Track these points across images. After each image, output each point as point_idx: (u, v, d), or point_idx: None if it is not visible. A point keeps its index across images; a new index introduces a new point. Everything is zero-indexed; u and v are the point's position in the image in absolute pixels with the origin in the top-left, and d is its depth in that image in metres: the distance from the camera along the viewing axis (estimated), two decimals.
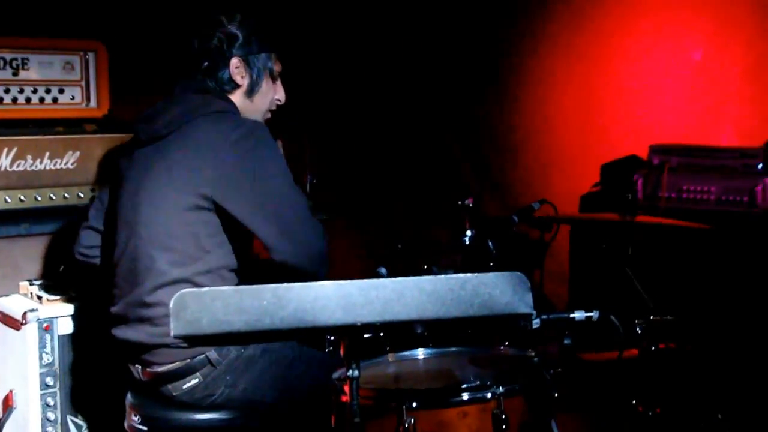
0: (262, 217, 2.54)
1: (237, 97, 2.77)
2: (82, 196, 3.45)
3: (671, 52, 4.49)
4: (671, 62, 4.49)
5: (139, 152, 2.70)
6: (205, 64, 2.71)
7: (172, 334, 1.78)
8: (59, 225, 3.46)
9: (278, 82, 2.85)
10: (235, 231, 2.60)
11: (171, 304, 1.78)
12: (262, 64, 2.78)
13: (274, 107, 2.88)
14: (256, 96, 2.79)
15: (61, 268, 3.36)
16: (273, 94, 2.84)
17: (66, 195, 3.44)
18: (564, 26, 4.78)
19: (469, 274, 1.82)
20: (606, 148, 4.46)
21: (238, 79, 2.74)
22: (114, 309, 2.72)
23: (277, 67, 2.83)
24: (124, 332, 2.68)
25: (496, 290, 1.82)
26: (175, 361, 2.61)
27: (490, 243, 3.12)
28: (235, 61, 2.73)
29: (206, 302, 1.79)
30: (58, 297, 3.13)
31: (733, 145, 4.13)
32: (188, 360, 2.60)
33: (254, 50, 2.76)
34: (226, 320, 1.78)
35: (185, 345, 2.57)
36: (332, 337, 2.94)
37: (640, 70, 4.60)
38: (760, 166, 3.80)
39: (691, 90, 4.44)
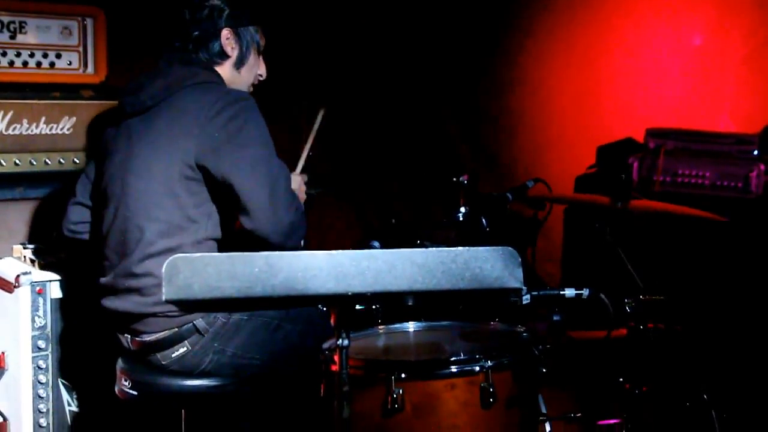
0: (249, 179, 2.52)
1: (225, 69, 2.77)
2: (77, 161, 3.45)
3: (671, 37, 4.49)
4: (670, 46, 4.49)
5: (125, 124, 2.70)
6: (195, 33, 2.72)
7: (163, 298, 1.79)
8: (54, 190, 3.46)
9: (261, 57, 2.88)
10: (222, 202, 2.61)
11: (163, 269, 1.79)
12: (250, 36, 2.81)
13: (256, 82, 2.89)
14: (244, 68, 2.81)
15: (55, 233, 3.37)
16: (257, 68, 2.87)
17: (61, 160, 3.44)
18: (563, 7, 4.77)
19: (460, 248, 1.83)
20: (602, 130, 4.47)
21: (228, 50, 2.76)
22: (103, 280, 2.73)
23: (262, 41, 2.86)
24: (113, 302, 2.70)
25: (486, 264, 1.83)
26: (163, 330, 2.63)
27: (483, 220, 3.14)
28: (225, 32, 2.74)
29: (198, 268, 1.80)
30: (51, 261, 3.13)
31: (730, 131, 4.14)
32: (176, 329, 2.62)
33: (244, 22, 2.78)
34: (217, 286, 1.79)
35: (173, 314, 2.59)
36: (324, 308, 2.96)
37: (638, 54, 4.60)
38: (755, 152, 3.81)
39: (690, 75, 4.44)
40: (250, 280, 1.79)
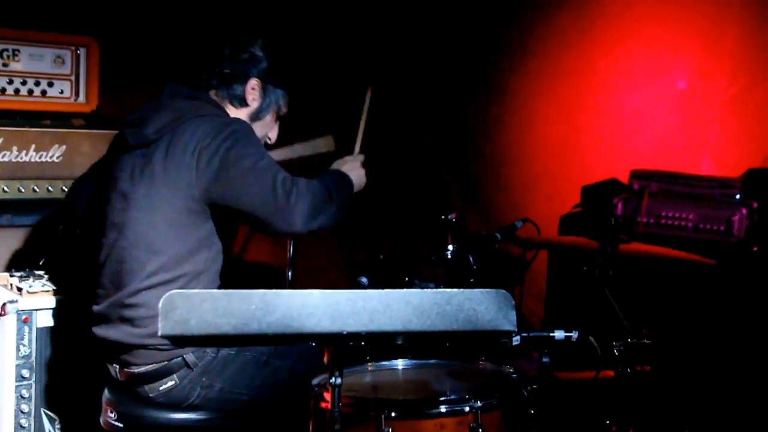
0: (248, 196, 2.54)
1: (241, 114, 2.80)
2: (65, 190, 3.44)
3: (655, 79, 4.55)
4: (655, 89, 4.55)
5: (129, 156, 2.70)
6: (226, 71, 2.75)
7: (159, 333, 1.79)
8: (41, 218, 3.46)
9: (277, 123, 2.91)
10: (223, 232, 2.62)
11: (160, 304, 1.79)
12: (276, 98, 2.85)
13: (262, 143, 2.89)
14: (258, 123, 2.83)
15: (42, 261, 3.36)
16: (268, 130, 2.90)
17: (50, 188, 3.44)
18: (549, 49, 4.83)
19: (454, 290, 1.85)
20: (587, 170, 4.51)
21: (249, 99, 2.80)
22: (96, 308, 2.73)
23: (285, 109, 2.90)
24: (104, 331, 2.69)
25: (481, 306, 1.85)
26: (152, 363, 2.63)
27: (471, 258, 3.16)
28: (253, 81, 2.79)
29: (195, 304, 1.80)
30: (38, 289, 3.12)
31: (712, 174, 4.19)
32: (165, 362, 2.62)
33: (276, 82, 2.83)
34: (213, 323, 1.79)
35: (164, 347, 2.60)
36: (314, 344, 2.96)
37: (623, 95, 4.65)
38: (737, 196, 3.86)
39: (673, 117, 4.50)
40: (246, 317, 1.79)
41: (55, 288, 3.14)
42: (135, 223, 2.62)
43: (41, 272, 3.28)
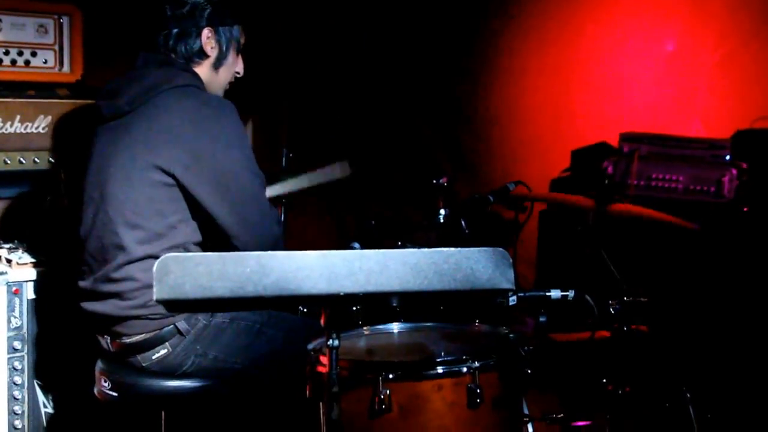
0: (220, 200, 2.54)
1: (203, 69, 2.75)
2: (52, 161, 3.41)
3: (643, 42, 4.53)
4: (643, 52, 4.53)
5: (103, 128, 2.68)
6: (175, 31, 2.68)
7: (154, 298, 1.77)
8: (28, 189, 3.42)
9: (239, 55, 2.85)
10: (199, 207, 2.59)
11: (154, 268, 1.77)
12: (230, 35, 2.77)
13: (233, 79, 2.86)
14: (222, 68, 2.78)
15: (29, 235, 3.33)
16: (235, 66, 2.83)
17: (36, 159, 3.40)
18: (537, 12, 4.79)
19: (451, 249, 1.84)
20: (576, 134, 4.50)
21: (208, 49, 2.73)
22: (82, 283, 2.71)
23: (242, 39, 2.83)
24: (93, 306, 2.67)
25: (478, 265, 1.84)
26: (144, 332, 2.61)
27: (462, 222, 3.14)
28: (206, 32, 2.71)
29: (189, 267, 1.78)
30: (27, 261, 3.10)
31: (701, 136, 4.19)
32: (157, 330, 2.61)
33: (226, 21, 2.75)
34: (209, 286, 1.78)
35: (155, 316, 2.58)
36: (305, 309, 2.95)
37: (612, 59, 4.63)
38: (727, 157, 3.86)
39: (662, 80, 4.48)
40: (242, 280, 1.78)
41: (43, 259, 3.11)
42: (112, 199, 2.59)
43: (30, 244, 3.24)
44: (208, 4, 2.71)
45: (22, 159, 3.37)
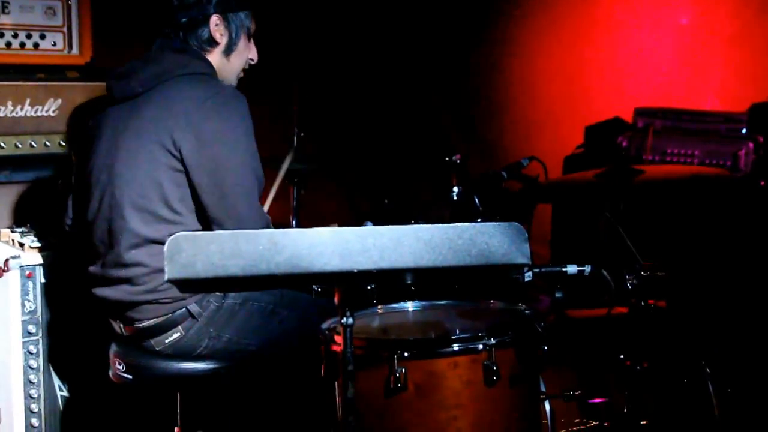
0: (212, 190, 2.51)
1: (215, 56, 2.72)
2: (63, 144, 3.39)
3: (658, 16, 4.49)
4: (657, 26, 4.49)
5: (113, 110, 2.66)
6: (184, 20, 2.66)
7: (165, 277, 1.76)
8: (40, 173, 3.41)
9: (252, 41, 2.82)
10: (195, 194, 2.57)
11: (165, 247, 1.76)
12: (240, 22, 2.74)
13: (247, 66, 2.84)
14: (234, 55, 2.75)
15: (41, 218, 3.32)
16: (248, 53, 2.80)
17: (47, 143, 3.38)
18: None
19: (466, 224, 1.82)
20: (590, 110, 4.47)
21: (217, 36, 2.70)
22: (92, 268, 2.70)
23: (252, 26, 2.80)
24: (103, 291, 2.67)
25: (493, 240, 1.82)
26: (156, 317, 2.60)
27: (476, 198, 3.12)
28: (214, 19, 2.68)
29: (201, 246, 1.77)
30: (40, 245, 3.09)
31: (717, 109, 4.15)
32: (169, 314, 2.60)
33: (233, 7, 2.72)
34: (221, 264, 1.76)
35: (166, 300, 2.57)
36: (319, 288, 2.93)
37: (626, 34, 4.60)
38: (743, 130, 3.82)
39: (677, 54, 4.45)
40: (254, 258, 1.76)
41: (55, 243, 3.10)
42: (120, 180, 2.58)
43: (42, 228, 3.24)
44: None
45: (33, 143, 3.36)
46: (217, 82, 2.66)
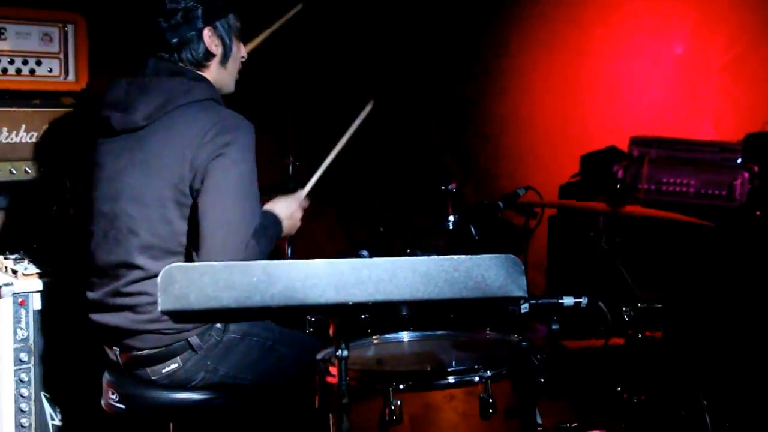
0: (206, 216, 2.47)
1: (212, 69, 2.68)
2: (57, 170, 3.38)
3: (653, 45, 4.51)
4: (653, 55, 4.51)
5: (113, 141, 2.60)
6: (175, 41, 2.60)
7: (159, 309, 1.74)
8: (34, 199, 3.39)
9: (240, 41, 2.76)
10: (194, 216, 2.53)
11: (159, 279, 1.74)
12: (229, 26, 2.69)
13: (240, 66, 2.79)
14: (230, 61, 2.71)
15: (35, 244, 3.31)
16: (239, 53, 2.76)
17: (42, 168, 3.37)
18: (546, 17, 4.78)
19: (462, 256, 1.80)
20: (585, 138, 4.48)
21: (213, 48, 2.65)
22: (91, 295, 2.67)
23: (239, 24, 2.73)
24: (103, 317, 2.64)
25: (489, 272, 1.80)
26: (156, 346, 2.58)
27: (472, 228, 3.10)
28: (207, 32, 2.62)
29: (195, 277, 1.75)
30: (33, 272, 3.07)
31: (713, 139, 4.16)
32: (169, 345, 2.57)
33: (221, 13, 2.65)
34: (214, 296, 1.74)
35: (168, 331, 2.55)
36: (313, 318, 2.91)
37: (621, 62, 4.62)
38: (738, 160, 3.83)
39: (672, 83, 4.47)
40: (248, 289, 1.74)
41: (50, 270, 3.08)
42: (125, 216, 2.55)
43: (36, 254, 3.22)
44: (198, 3, 2.60)
45: (27, 168, 3.34)
46: (221, 109, 2.59)
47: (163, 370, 2.58)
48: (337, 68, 4.76)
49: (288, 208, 2.75)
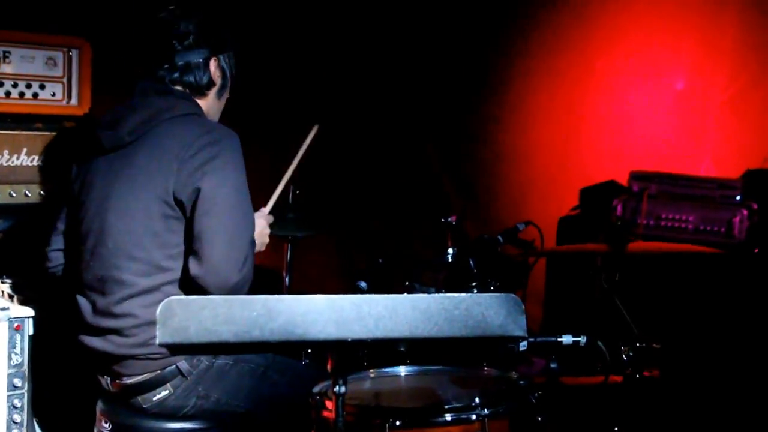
0: (205, 231, 2.46)
1: (209, 97, 2.72)
2: (53, 195, 3.37)
3: (654, 80, 4.52)
4: (653, 90, 4.52)
5: (103, 160, 2.63)
6: (181, 64, 2.63)
7: (157, 342, 1.73)
8: (34, 222, 3.38)
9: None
10: (189, 243, 2.53)
11: (158, 311, 1.73)
12: (229, 62, 2.75)
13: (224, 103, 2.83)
14: (224, 95, 2.76)
15: (32, 270, 3.29)
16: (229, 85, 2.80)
17: (42, 192, 3.37)
18: (547, 50, 4.80)
19: (463, 294, 1.80)
20: (585, 172, 4.48)
21: (216, 78, 2.70)
22: (81, 317, 2.66)
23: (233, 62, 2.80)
24: (91, 341, 2.63)
25: (490, 311, 1.80)
26: (144, 373, 2.57)
27: (471, 261, 3.11)
28: (213, 62, 2.68)
29: (194, 310, 1.74)
30: (30, 296, 3.05)
31: (711, 175, 4.16)
32: (158, 371, 2.56)
33: (226, 48, 2.72)
34: (214, 330, 1.74)
35: (155, 356, 2.54)
36: (309, 350, 2.90)
37: (621, 97, 4.62)
38: (738, 197, 3.83)
39: (672, 119, 4.47)
40: (248, 324, 1.74)
41: (46, 295, 3.07)
42: (112, 230, 2.55)
43: (33, 279, 3.21)
44: (210, 34, 2.67)
45: (27, 192, 3.34)
46: (206, 121, 2.63)
47: (154, 398, 2.57)
48: (340, 95, 4.77)
49: (258, 226, 2.74)
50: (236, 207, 2.49)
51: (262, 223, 2.80)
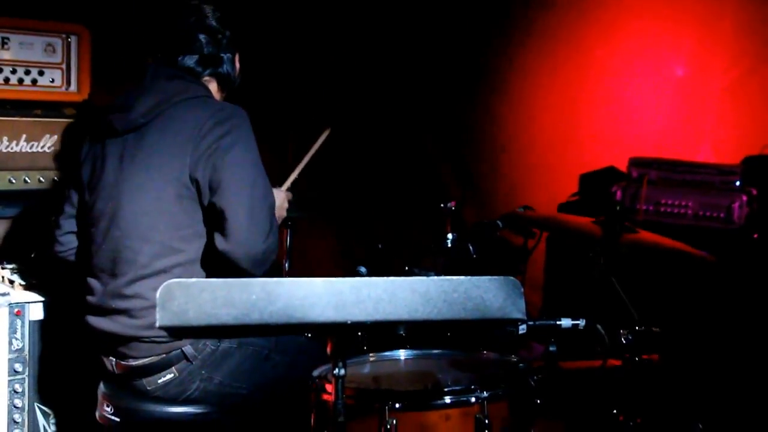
0: (237, 202, 2.49)
1: (219, 90, 2.78)
2: (57, 180, 3.39)
3: (653, 67, 4.51)
4: (653, 77, 4.52)
5: (115, 142, 2.65)
6: (203, 54, 2.70)
7: (157, 324, 1.74)
8: (33, 209, 3.39)
9: None
10: (212, 221, 2.56)
11: (158, 294, 1.73)
12: (239, 60, 2.82)
13: None
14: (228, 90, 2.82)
15: (33, 254, 3.30)
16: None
17: (41, 179, 3.39)
18: (546, 38, 4.79)
19: (462, 277, 1.80)
20: (584, 159, 4.48)
21: (235, 74, 2.80)
22: (91, 299, 2.67)
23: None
24: (99, 322, 2.64)
25: (489, 294, 1.80)
26: (150, 356, 2.58)
27: (470, 247, 3.11)
28: (237, 57, 2.79)
29: (194, 293, 1.75)
30: (30, 282, 3.06)
31: (710, 161, 4.16)
32: (163, 354, 2.57)
33: (238, 46, 2.79)
34: (213, 313, 1.74)
35: (161, 339, 2.55)
36: (308, 334, 2.91)
37: (621, 84, 4.62)
38: (737, 183, 3.83)
39: (671, 105, 4.46)
40: (247, 307, 1.74)
41: (46, 281, 3.08)
42: (126, 212, 2.57)
43: (34, 265, 3.21)
44: (232, 29, 2.75)
45: (27, 178, 3.35)
46: (216, 102, 2.68)
47: (159, 381, 2.58)
48: (340, 84, 4.77)
49: (278, 199, 2.78)
50: (254, 178, 2.53)
51: (281, 196, 2.88)
